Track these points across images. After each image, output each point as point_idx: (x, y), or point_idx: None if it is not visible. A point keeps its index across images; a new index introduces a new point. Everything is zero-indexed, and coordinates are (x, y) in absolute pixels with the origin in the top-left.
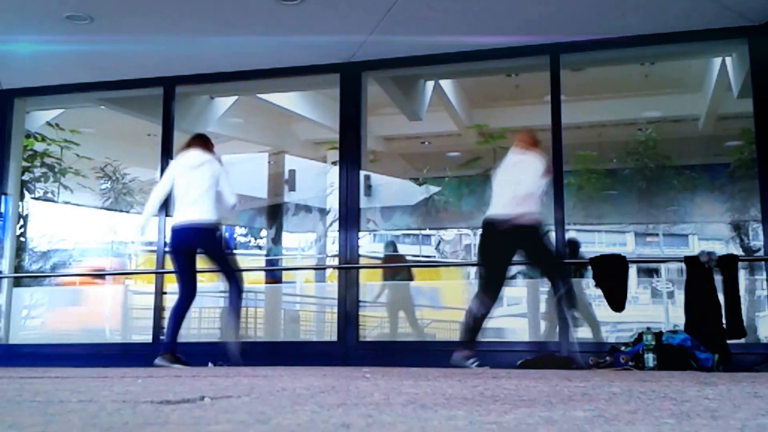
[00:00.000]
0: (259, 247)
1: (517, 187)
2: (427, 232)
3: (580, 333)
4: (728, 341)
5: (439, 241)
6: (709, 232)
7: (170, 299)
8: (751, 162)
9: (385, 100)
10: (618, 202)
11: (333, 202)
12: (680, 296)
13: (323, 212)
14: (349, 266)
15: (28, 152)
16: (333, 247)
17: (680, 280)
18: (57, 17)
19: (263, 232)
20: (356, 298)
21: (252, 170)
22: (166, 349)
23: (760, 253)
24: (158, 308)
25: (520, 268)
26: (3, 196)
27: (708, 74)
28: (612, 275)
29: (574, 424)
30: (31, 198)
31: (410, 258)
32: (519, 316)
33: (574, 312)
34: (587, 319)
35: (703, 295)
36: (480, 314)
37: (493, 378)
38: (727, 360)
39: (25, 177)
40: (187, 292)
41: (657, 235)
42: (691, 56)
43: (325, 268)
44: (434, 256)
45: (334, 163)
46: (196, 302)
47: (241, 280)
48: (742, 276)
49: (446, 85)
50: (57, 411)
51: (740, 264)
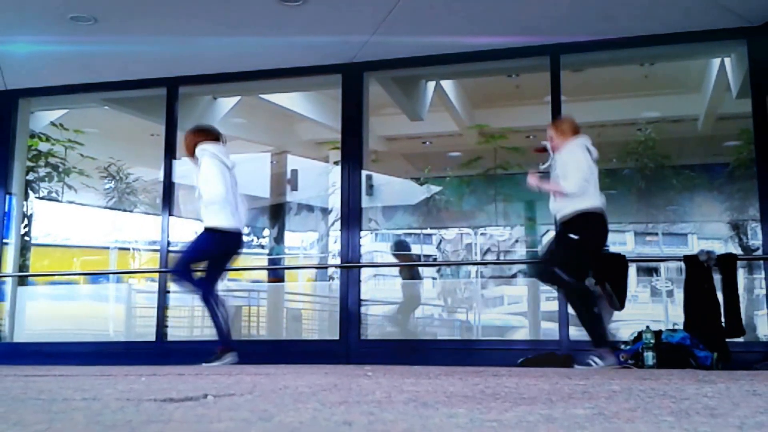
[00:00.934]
0: (262, 247)
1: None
2: (429, 231)
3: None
4: (727, 340)
5: (440, 241)
6: (708, 232)
7: (172, 298)
8: (749, 162)
9: (387, 101)
10: (618, 202)
11: (335, 202)
12: (679, 295)
13: (325, 212)
14: (350, 265)
15: (32, 152)
16: (335, 246)
17: (679, 279)
18: (61, 18)
19: (266, 232)
20: (358, 297)
21: (255, 170)
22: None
23: (759, 252)
24: (161, 307)
25: (521, 267)
26: (8, 196)
27: (707, 75)
28: (612, 274)
29: (574, 422)
30: (36, 197)
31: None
32: (520, 315)
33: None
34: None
35: (702, 294)
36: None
37: (494, 376)
38: (726, 358)
39: (30, 177)
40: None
41: (656, 234)
42: (691, 57)
43: (326, 267)
44: (435, 255)
45: (336, 163)
46: (199, 301)
47: None
48: (741, 275)
49: (447, 85)
50: (61, 409)
51: (739, 263)
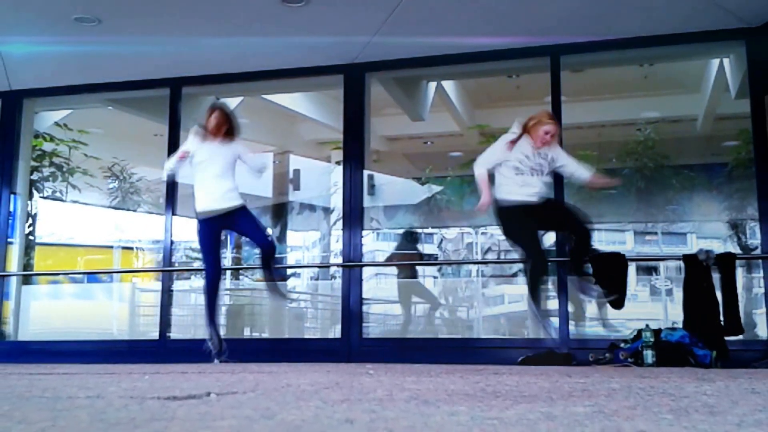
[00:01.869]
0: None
1: None
2: (430, 230)
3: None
4: (726, 338)
5: (441, 240)
6: (707, 231)
7: (176, 297)
8: (748, 162)
9: (388, 101)
10: (617, 202)
11: (337, 201)
12: (679, 294)
13: (327, 211)
14: (352, 264)
15: (36, 152)
16: (337, 245)
17: (679, 278)
18: (65, 19)
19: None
20: (359, 296)
21: None
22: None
23: (758, 252)
24: (165, 306)
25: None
26: (12, 195)
27: (706, 75)
28: (612, 273)
29: (574, 420)
30: (40, 197)
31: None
32: (520, 314)
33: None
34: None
35: (702, 293)
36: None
37: (495, 374)
38: (725, 357)
39: (34, 176)
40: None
41: (656, 233)
42: (690, 58)
43: (329, 266)
44: (436, 255)
45: (337, 163)
46: (202, 299)
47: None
48: (740, 274)
49: (448, 86)
50: (65, 407)
51: (738, 262)
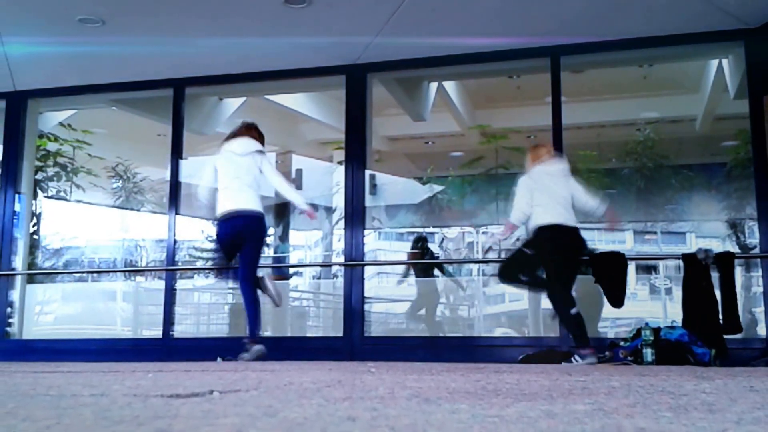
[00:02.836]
0: (267, 245)
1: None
2: (431, 230)
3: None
4: (725, 336)
5: (443, 239)
6: (706, 230)
7: (179, 296)
8: (747, 162)
9: (390, 101)
10: (617, 201)
11: (339, 201)
12: (678, 293)
13: (329, 210)
14: (354, 263)
15: (41, 152)
16: (339, 244)
17: (678, 277)
18: (69, 20)
19: (271, 230)
20: (361, 295)
21: None
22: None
23: (756, 251)
24: (168, 304)
25: None
26: (17, 195)
27: (705, 76)
28: (611, 272)
29: (574, 418)
30: (44, 197)
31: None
32: (521, 312)
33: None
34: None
35: (701, 292)
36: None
37: (495, 372)
38: (724, 355)
39: (39, 176)
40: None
41: (655, 232)
42: (689, 58)
43: (331, 265)
44: (438, 254)
45: (340, 163)
46: (205, 298)
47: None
48: (739, 273)
49: (449, 86)
50: (69, 404)
51: (736, 261)
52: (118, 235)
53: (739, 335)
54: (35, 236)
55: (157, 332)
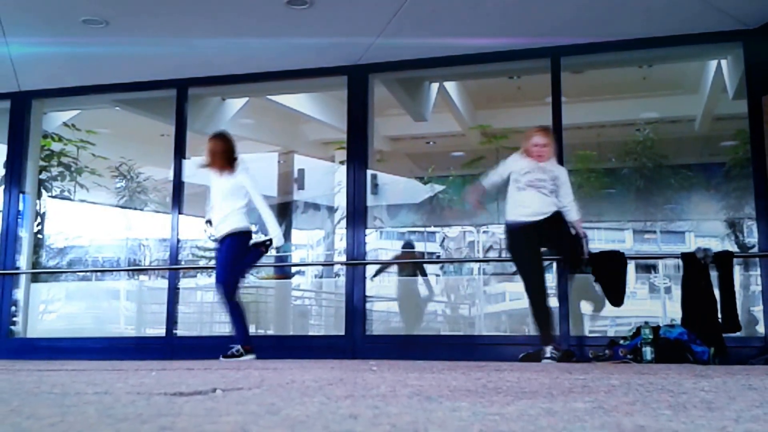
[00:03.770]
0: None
1: None
2: (432, 229)
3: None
4: (723, 335)
5: (444, 238)
6: (705, 230)
7: (182, 294)
8: (745, 161)
9: (391, 102)
10: (617, 200)
11: (341, 201)
12: (677, 291)
13: (331, 210)
14: (356, 263)
15: (45, 152)
16: (341, 243)
17: (677, 276)
18: (73, 21)
19: None
20: (363, 293)
21: (262, 169)
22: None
23: (755, 250)
24: (171, 303)
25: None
26: (21, 195)
27: (704, 76)
28: (611, 271)
29: (574, 415)
30: (48, 196)
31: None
32: (521, 311)
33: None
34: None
35: (700, 291)
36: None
37: (496, 371)
38: (723, 353)
39: (43, 176)
40: None
41: (655, 232)
42: (688, 59)
43: (332, 264)
44: (439, 253)
45: (341, 163)
46: (208, 297)
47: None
48: (737, 272)
49: (450, 86)
50: (73, 402)
51: (735, 260)
52: (121, 234)
53: (738, 334)
54: (39, 235)
55: (161, 331)
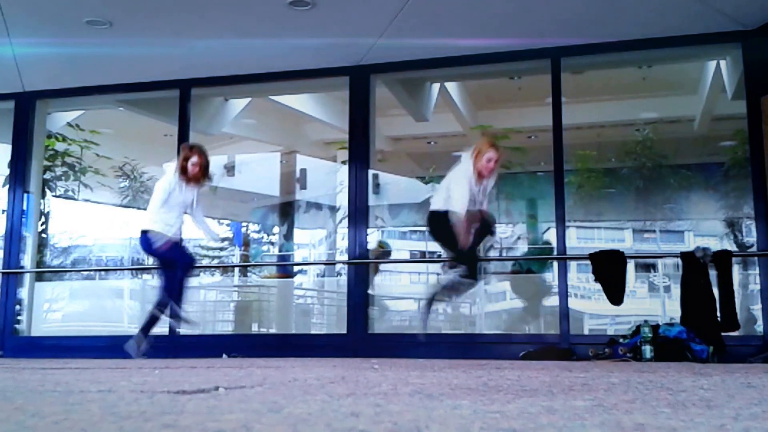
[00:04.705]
0: (272, 243)
1: None
2: None
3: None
4: (722, 334)
5: None
6: (704, 229)
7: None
8: (744, 161)
9: (393, 102)
10: (616, 200)
11: (342, 200)
12: (676, 290)
13: (333, 209)
14: (358, 261)
15: (49, 152)
16: (343, 242)
17: (676, 275)
18: (77, 22)
19: (275, 229)
20: (365, 292)
21: (265, 169)
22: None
23: (753, 249)
24: None
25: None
26: (25, 194)
27: (703, 77)
28: (611, 270)
29: (575, 413)
30: (53, 196)
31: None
32: (522, 310)
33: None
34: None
35: (699, 290)
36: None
37: (497, 369)
38: (722, 351)
39: (47, 176)
40: None
41: (654, 231)
42: (687, 60)
43: (335, 263)
44: (440, 252)
45: (343, 163)
46: (210, 296)
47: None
48: (736, 271)
49: (451, 87)
50: (77, 400)
51: (734, 259)
52: (125, 233)
53: (737, 332)
54: (44, 235)
55: (164, 329)
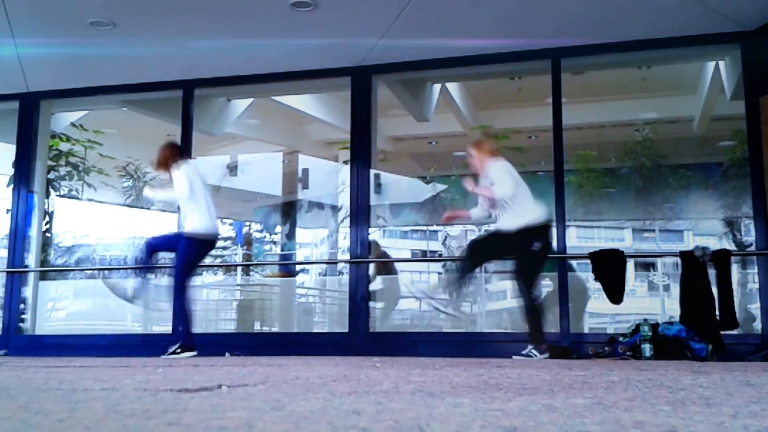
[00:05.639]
0: (274, 243)
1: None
2: (434, 228)
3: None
4: (721, 332)
5: (446, 237)
6: (703, 228)
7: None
8: (743, 161)
9: (394, 102)
10: (616, 200)
11: (344, 200)
12: (676, 289)
13: (335, 209)
14: (359, 260)
15: (53, 152)
16: (344, 242)
17: (676, 274)
18: (81, 23)
19: (278, 228)
20: (366, 291)
21: (267, 169)
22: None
23: (752, 248)
24: None
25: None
26: (30, 194)
27: (702, 77)
28: (610, 269)
29: (575, 411)
30: (56, 195)
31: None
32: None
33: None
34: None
35: (698, 288)
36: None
37: (497, 367)
38: (721, 350)
39: (51, 175)
40: None
41: (653, 230)
42: (686, 60)
43: (336, 263)
44: (441, 251)
45: (345, 163)
46: (213, 295)
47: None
48: (735, 270)
49: (452, 87)
50: (81, 398)
51: (733, 258)
52: (128, 232)
53: (736, 331)
54: (47, 234)
55: (167, 328)
